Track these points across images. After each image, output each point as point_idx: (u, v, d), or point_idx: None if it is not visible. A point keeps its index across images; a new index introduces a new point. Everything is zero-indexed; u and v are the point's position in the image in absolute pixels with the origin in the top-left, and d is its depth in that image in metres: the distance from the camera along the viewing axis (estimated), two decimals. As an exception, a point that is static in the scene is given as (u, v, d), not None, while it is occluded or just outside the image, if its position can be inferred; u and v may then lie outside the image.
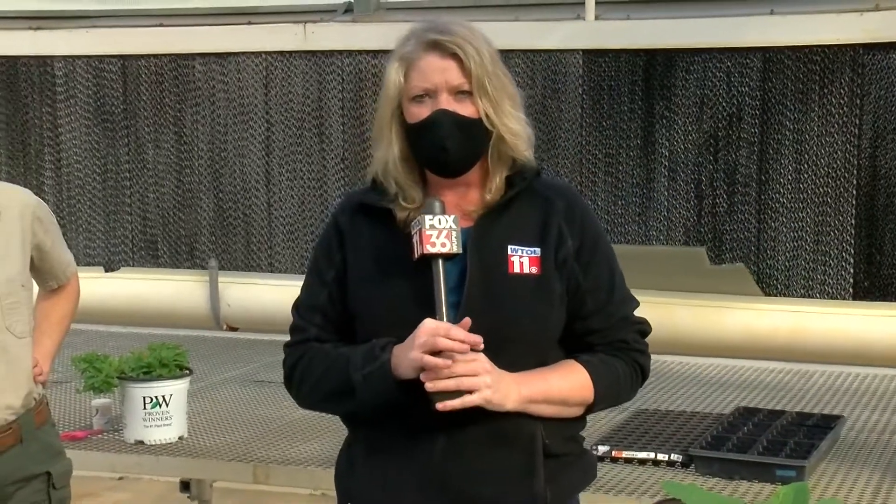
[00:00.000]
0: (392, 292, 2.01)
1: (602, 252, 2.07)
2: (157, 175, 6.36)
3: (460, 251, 2.00)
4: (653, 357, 2.12)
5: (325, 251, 2.06)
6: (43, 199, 6.77)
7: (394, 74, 2.03)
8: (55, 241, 2.66)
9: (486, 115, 1.99)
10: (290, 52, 6.01)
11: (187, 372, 3.56)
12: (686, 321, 4.95)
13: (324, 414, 3.89)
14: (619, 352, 2.05)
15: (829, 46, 5.08)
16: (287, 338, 2.12)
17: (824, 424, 3.63)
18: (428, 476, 2.03)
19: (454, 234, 1.99)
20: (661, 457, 3.41)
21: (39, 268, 2.65)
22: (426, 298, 1.97)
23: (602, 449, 3.48)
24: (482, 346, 1.93)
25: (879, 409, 4.03)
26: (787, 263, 5.23)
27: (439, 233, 2.00)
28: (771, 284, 5.24)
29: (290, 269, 6.07)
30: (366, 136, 5.93)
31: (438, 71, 2.00)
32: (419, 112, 2.00)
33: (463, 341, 1.90)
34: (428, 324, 1.92)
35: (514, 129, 2.01)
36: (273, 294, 5.70)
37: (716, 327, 4.98)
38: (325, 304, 2.04)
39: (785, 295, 5.21)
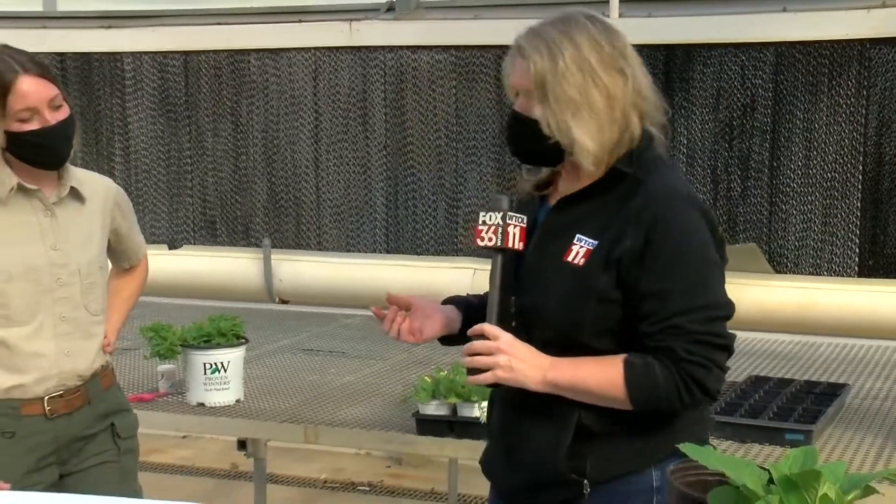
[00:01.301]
0: None
1: (668, 259, 1.92)
2: (215, 161, 6.39)
3: (512, 247, 1.99)
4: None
5: None
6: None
7: (505, 65, 2.07)
8: (131, 225, 2.69)
9: (546, 121, 1.96)
10: (337, 48, 6.01)
11: (244, 341, 3.57)
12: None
13: (366, 381, 3.93)
14: (667, 360, 1.91)
15: (837, 41, 5.03)
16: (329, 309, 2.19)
17: (830, 392, 3.60)
18: (494, 442, 2.15)
19: (500, 230, 1.98)
20: (678, 421, 3.39)
21: (115, 249, 2.68)
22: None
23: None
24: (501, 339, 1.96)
25: (882, 377, 4.00)
26: (796, 243, 5.19)
27: (488, 228, 2.00)
28: (782, 263, 5.21)
29: (337, 248, 6.09)
30: (406, 126, 5.93)
31: (517, 73, 2.01)
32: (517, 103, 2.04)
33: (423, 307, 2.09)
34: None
35: (576, 139, 1.94)
36: (321, 270, 5.73)
37: (730, 302, 4.95)
38: None
39: (795, 272, 5.18)
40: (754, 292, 5.03)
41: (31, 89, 2.30)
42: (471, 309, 2.19)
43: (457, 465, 4.43)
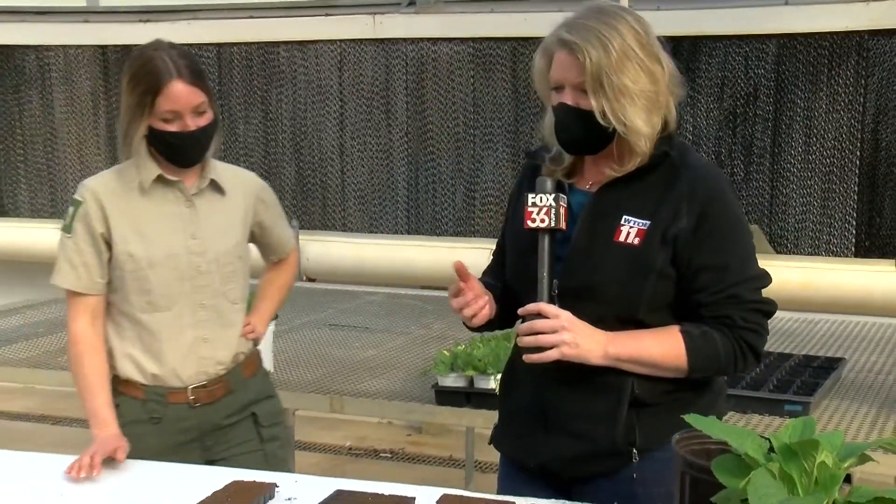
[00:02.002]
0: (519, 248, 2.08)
1: (722, 233, 1.94)
2: (246, 147, 6.40)
3: (562, 227, 1.97)
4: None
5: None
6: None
7: (538, 60, 2.02)
8: (276, 219, 2.63)
9: (602, 111, 1.93)
10: (361, 40, 6.00)
11: (274, 316, 3.58)
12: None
13: (388, 354, 3.94)
14: (724, 327, 1.93)
15: (837, 33, 4.99)
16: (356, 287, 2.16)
17: (828, 366, 3.59)
18: (521, 419, 2.09)
19: (553, 210, 1.96)
20: (683, 393, 3.39)
21: (261, 243, 2.63)
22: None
23: (632, 386, 3.47)
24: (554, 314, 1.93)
25: (877, 352, 3.99)
26: (796, 225, 5.17)
27: (539, 210, 1.97)
28: (782, 244, 5.19)
29: (361, 229, 6.10)
30: (426, 113, 5.92)
31: (565, 68, 1.96)
32: (555, 98, 1.99)
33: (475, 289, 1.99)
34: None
35: (631, 125, 1.93)
36: (346, 250, 5.74)
37: (733, 281, 4.94)
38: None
39: (794, 253, 5.16)
40: (756, 272, 5.01)
41: (179, 95, 2.28)
42: (499, 297, 2.16)
43: (473, 434, 4.44)
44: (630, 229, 1.95)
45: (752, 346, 1.94)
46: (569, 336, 1.90)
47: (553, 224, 1.94)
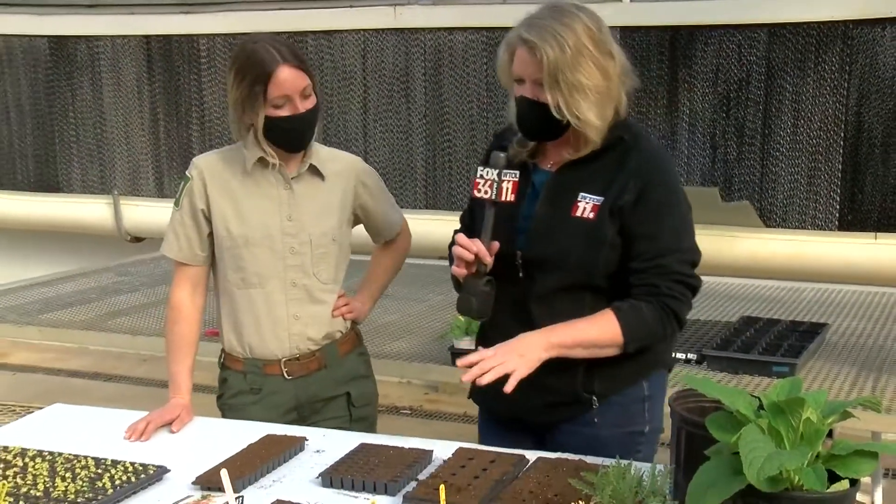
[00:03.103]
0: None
1: (659, 205, 1.96)
2: (278, 129, 6.38)
3: (503, 200, 2.00)
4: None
5: None
6: (190, 148, 6.83)
7: (502, 54, 2.03)
8: (379, 203, 2.52)
9: (557, 105, 1.94)
10: (383, 30, 5.97)
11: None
12: (702, 247, 4.86)
13: (408, 319, 3.95)
14: (650, 296, 1.95)
15: (823, 22, 4.93)
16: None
17: (813, 330, 3.58)
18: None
19: (495, 185, 1.99)
20: (679, 356, 3.39)
21: (367, 225, 2.54)
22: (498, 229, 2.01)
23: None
24: (489, 261, 1.98)
25: (858, 317, 3.97)
26: (784, 201, 5.14)
27: (485, 182, 2.01)
28: (771, 218, 5.16)
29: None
30: (443, 97, 5.90)
31: (525, 64, 1.98)
32: (517, 89, 2.01)
33: (468, 248, 1.97)
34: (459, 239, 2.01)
35: (583, 118, 1.95)
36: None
37: (726, 252, 4.92)
38: None
39: (782, 226, 5.13)
40: (747, 244, 4.99)
41: (287, 78, 2.20)
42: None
43: (486, 392, 4.46)
44: (586, 205, 1.98)
45: (675, 312, 1.97)
46: (512, 360, 1.91)
47: (493, 197, 1.98)
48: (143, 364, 5.72)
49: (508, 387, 1.90)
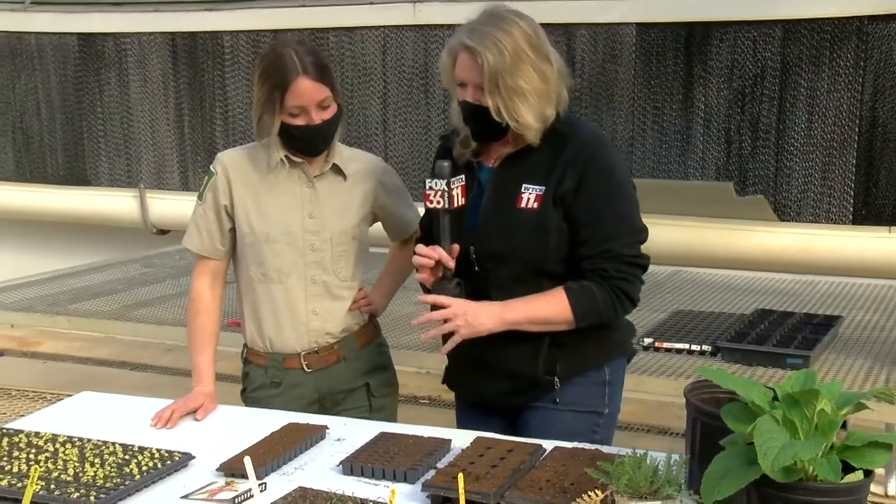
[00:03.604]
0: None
1: (600, 190, 1.99)
2: (300, 124, 6.40)
3: (455, 206, 2.05)
4: (689, 269, 2.10)
5: None
6: (213, 142, 6.85)
7: (445, 58, 2.06)
8: (397, 203, 2.51)
9: (497, 109, 1.97)
10: (403, 27, 5.96)
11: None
12: (716, 241, 4.88)
13: (427, 310, 3.96)
14: (600, 279, 2.00)
15: (838, 18, 4.89)
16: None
17: (826, 323, 3.56)
18: (462, 362, 2.20)
19: (445, 194, 2.01)
20: (694, 347, 3.39)
21: (385, 224, 2.54)
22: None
23: (647, 340, 3.46)
24: (451, 265, 2.03)
25: (871, 311, 3.95)
26: (798, 195, 5.10)
27: (435, 193, 2.06)
28: (785, 212, 5.13)
29: (403, 197, 6.09)
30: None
31: (466, 69, 2.01)
32: (460, 93, 2.05)
33: (429, 256, 2.03)
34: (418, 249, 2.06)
35: (522, 121, 1.98)
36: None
37: (740, 246, 4.90)
38: None
39: (796, 220, 5.10)
40: (761, 237, 4.96)
41: (305, 90, 2.20)
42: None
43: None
44: (529, 196, 2.02)
45: (626, 293, 2.02)
46: (461, 320, 1.99)
47: (447, 206, 2.02)
48: (168, 353, 5.75)
49: (444, 349, 2.02)
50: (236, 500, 1.74)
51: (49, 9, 6.90)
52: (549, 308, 2.01)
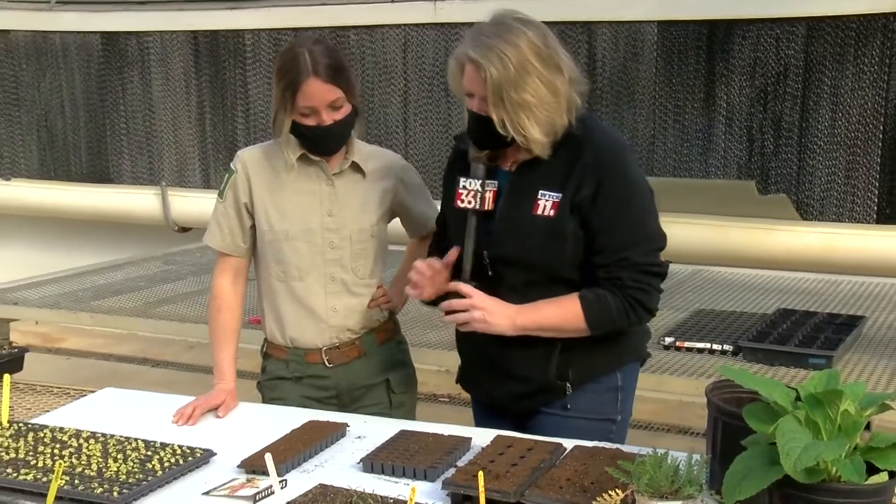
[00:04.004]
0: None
1: (617, 199, 1.96)
2: (321, 122, 6.41)
3: (486, 209, 2.04)
4: (710, 269, 2.09)
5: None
6: (235, 140, 6.87)
7: (453, 66, 2.03)
8: (416, 200, 2.51)
9: (502, 122, 1.95)
10: (423, 25, 5.97)
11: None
12: (738, 240, 4.85)
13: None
14: (615, 288, 1.98)
15: (863, 15, 4.84)
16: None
17: (849, 323, 3.53)
18: (474, 363, 2.22)
19: (478, 195, 2.03)
20: (715, 347, 3.36)
21: (403, 220, 2.54)
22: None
23: (668, 340, 3.45)
24: (468, 268, 2.06)
25: (895, 311, 3.91)
26: (821, 194, 5.06)
27: (468, 192, 2.06)
28: (808, 211, 5.09)
29: (423, 196, 6.09)
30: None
31: (471, 80, 1.98)
32: (468, 102, 2.03)
33: (423, 272, 2.11)
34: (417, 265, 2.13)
35: (528, 136, 1.95)
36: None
37: (762, 245, 4.87)
38: None
39: (819, 220, 5.06)
40: (784, 236, 4.93)
41: (315, 92, 2.21)
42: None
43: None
44: (546, 202, 1.99)
45: (641, 303, 1.99)
46: (479, 314, 2.00)
47: (477, 206, 2.03)
48: (190, 350, 5.78)
49: (449, 318, 2.04)
50: (257, 497, 1.75)
51: (73, 8, 6.96)
52: (562, 316, 2.00)
